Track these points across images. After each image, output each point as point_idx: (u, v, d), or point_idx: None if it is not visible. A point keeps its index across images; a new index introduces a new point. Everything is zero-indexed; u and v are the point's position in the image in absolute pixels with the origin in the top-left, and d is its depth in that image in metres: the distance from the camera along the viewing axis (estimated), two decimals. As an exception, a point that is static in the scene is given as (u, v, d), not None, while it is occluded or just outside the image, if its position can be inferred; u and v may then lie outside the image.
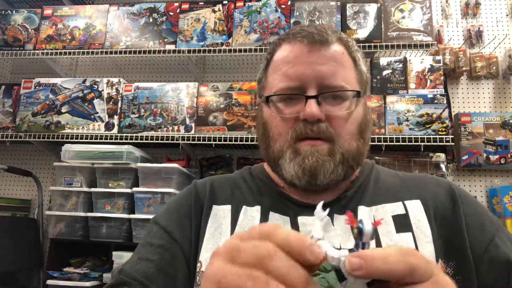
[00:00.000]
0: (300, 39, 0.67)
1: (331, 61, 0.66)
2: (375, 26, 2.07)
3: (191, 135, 2.05)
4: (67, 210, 1.97)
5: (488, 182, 2.10)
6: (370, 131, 0.72)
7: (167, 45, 2.19)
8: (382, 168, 0.79)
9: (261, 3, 2.16)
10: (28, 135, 2.17)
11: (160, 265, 0.65)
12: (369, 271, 0.31)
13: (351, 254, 0.32)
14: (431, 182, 0.73)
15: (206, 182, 0.78)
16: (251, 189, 0.74)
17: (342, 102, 0.66)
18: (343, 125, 0.66)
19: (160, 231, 0.70)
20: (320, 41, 0.66)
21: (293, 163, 0.65)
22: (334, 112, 0.65)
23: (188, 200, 0.75)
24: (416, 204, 0.68)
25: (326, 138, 0.65)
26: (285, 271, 0.32)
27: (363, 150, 0.69)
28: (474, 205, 0.70)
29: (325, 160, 0.64)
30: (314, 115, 0.63)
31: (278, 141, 0.68)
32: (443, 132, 1.90)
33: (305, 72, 0.65)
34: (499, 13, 2.30)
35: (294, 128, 0.65)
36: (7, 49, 2.32)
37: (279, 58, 0.70)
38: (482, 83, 2.23)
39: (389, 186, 0.72)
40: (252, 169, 0.81)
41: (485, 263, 0.62)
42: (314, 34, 0.67)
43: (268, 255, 0.32)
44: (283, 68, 0.68)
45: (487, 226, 0.66)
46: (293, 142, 0.66)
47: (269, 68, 0.73)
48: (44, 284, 1.90)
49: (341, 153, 0.65)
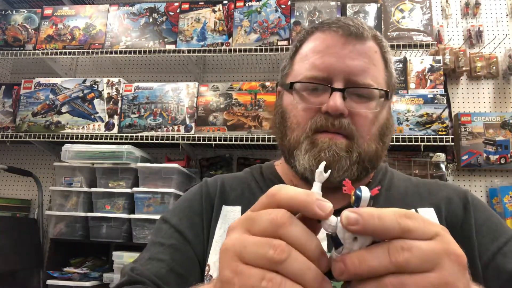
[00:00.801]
0: (335, 29, 0.64)
1: (363, 57, 0.63)
2: (375, 26, 2.07)
3: (191, 135, 2.05)
4: (67, 210, 1.97)
5: (488, 182, 2.10)
6: (390, 135, 0.69)
7: (167, 45, 2.20)
8: (395, 172, 0.77)
9: (261, 3, 2.16)
10: (28, 135, 2.17)
11: (171, 265, 0.63)
12: (365, 226, 0.31)
13: (349, 210, 0.32)
14: (446, 189, 0.70)
15: (217, 180, 0.75)
16: (262, 190, 0.72)
17: (368, 101, 0.64)
18: (365, 124, 0.63)
19: (170, 229, 0.68)
20: (356, 34, 0.63)
21: (308, 155, 0.62)
22: (359, 109, 0.63)
23: (199, 197, 0.73)
24: (430, 212, 0.66)
25: (346, 134, 0.62)
26: (301, 237, 0.32)
27: (381, 154, 0.67)
28: (488, 213, 0.67)
29: (342, 156, 0.61)
30: (338, 109, 0.60)
31: (296, 131, 0.65)
32: (443, 132, 1.90)
33: (335, 64, 0.63)
34: (499, 13, 2.30)
35: (314, 120, 0.63)
36: (7, 49, 2.32)
37: (310, 46, 0.67)
38: (482, 83, 2.23)
39: (402, 192, 0.70)
40: (263, 169, 0.78)
41: (491, 271, 0.61)
42: (350, 26, 0.64)
43: (282, 222, 0.32)
44: (312, 57, 0.65)
45: (499, 235, 0.64)
46: (311, 134, 0.63)
47: (297, 56, 0.69)
48: (44, 284, 1.90)
49: (358, 152, 0.62)
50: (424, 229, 0.32)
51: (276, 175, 0.75)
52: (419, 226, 0.32)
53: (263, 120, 2.04)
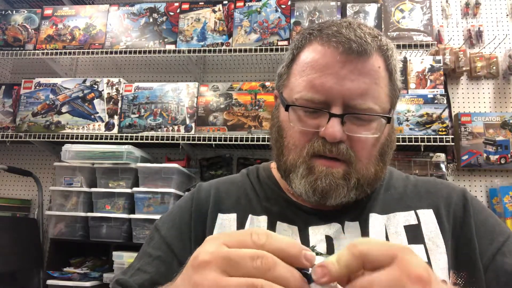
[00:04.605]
0: (335, 44, 0.60)
1: (364, 77, 0.60)
2: (375, 26, 2.06)
3: (191, 135, 2.05)
4: (67, 210, 1.97)
5: (488, 182, 2.10)
6: (392, 151, 0.67)
7: (167, 45, 2.19)
8: (394, 171, 0.76)
9: (261, 3, 2.16)
10: (28, 135, 2.17)
11: (155, 278, 0.64)
12: (332, 276, 0.34)
13: (318, 265, 0.35)
14: (444, 188, 0.70)
15: (211, 186, 0.75)
16: (258, 195, 0.71)
17: (368, 124, 0.61)
18: (365, 148, 0.61)
19: (159, 240, 0.70)
20: (358, 52, 0.59)
21: (304, 181, 0.61)
22: (358, 134, 0.60)
23: (189, 205, 0.72)
24: (429, 214, 0.65)
25: (343, 160, 0.61)
26: (287, 277, 0.33)
27: (381, 175, 0.65)
28: (485, 214, 0.67)
29: (339, 184, 0.60)
30: (336, 137, 0.58)
31: (292, 153, 0.63)
32: (443, 132, 1.90)
33: (334, 86, 0.59)
34: (499, 13, 2.30)
35: (312, 144, 0.61)
36: (7, 49, 2.32)
37: (308, 59, 0.63)
38: (482, 83, 2.23)
39: (401, 193, 0.69)
40: (260, 172, 0.77)
41: (491, 272, 0.60)
42: (351, 42, 0.59)
43: (270, 266, 0.33)
44: (310, 74, 0.61)
45: (497, 236, 0.63)
46: (308, 158, 0.61)
47: (294, 66, 0.66)
48: (44, 284, 1.90)
49: (357, 178, 0.61)
50: (380, 254, 0.33)
51: (273, 180, 0.74)
52: (375, 250, 0.34)
53: (263, 120, 2.04)
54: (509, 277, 0.59)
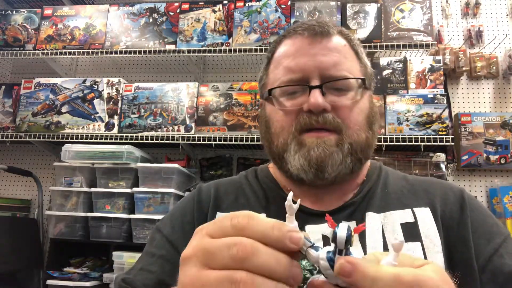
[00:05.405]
0: (301, 32, 0.66)
1: (334, 52, 0.65)
2: (375, 26, 2.07)
3: (191, 135, 2.05)
4: (67, 210, 1.97)
5: (488, 182, 2.10)
6: (378, 124, 0.69)
7: (167, 45, 2.19)
8: (390, 170, 0.76)
9: (261, 3, 2.16)
10: (28, 135, 2.17)
11: (160, 276, 0.64)
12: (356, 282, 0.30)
13: (345, 258, 0.31)
14: (441, 188, 0.70)
15: (210, 187, 0.75)
16: (257, 194, 0.72)
17: (347, 93, 0.64)
18: (350, 115, 0.63)
19: (162, 239, 0.69)
20: (321, 33, 0.65)
21: (298, 156, 0.62)
22: (340, 102, 0.63)
23: (191, 205, 0.73)
24: (425, 212, 0.65)
25: (332, 129, 0.62)
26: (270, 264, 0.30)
27: (372, 142, 0.66)
28: (483, 214, 0.67)
29: (333, 150, 0.61)
30: (319, 105, 0.60)
31: (281, 135, 0.65)
32: (443, 132, 1.90)
33: (307, 63, 0.64)
34: (499, 13, 2.30)
35: (298, 120, 0.63)
36: (7, 49, 2.32)
37: (280, 53, 0.69)
38: (482, 83, 2.23)
39: (398, 191, 0.69)
40: (258, 172, 0.78)
41: (488, 273, 0.60)
42: (315, 26, 0.66)
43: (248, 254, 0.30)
44: (284, 62, 0.66)
45: (494, 236, 0.63)
46: (297, 134, 0.63)
47: (270, 65, 0.71)
48: (44, 284, 1.90)
49: (350, 143, 0.62)
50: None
51: (271, 178, 0.74)
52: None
53: (263, 120, 2.03)
54: (507, 278, 0.58)
